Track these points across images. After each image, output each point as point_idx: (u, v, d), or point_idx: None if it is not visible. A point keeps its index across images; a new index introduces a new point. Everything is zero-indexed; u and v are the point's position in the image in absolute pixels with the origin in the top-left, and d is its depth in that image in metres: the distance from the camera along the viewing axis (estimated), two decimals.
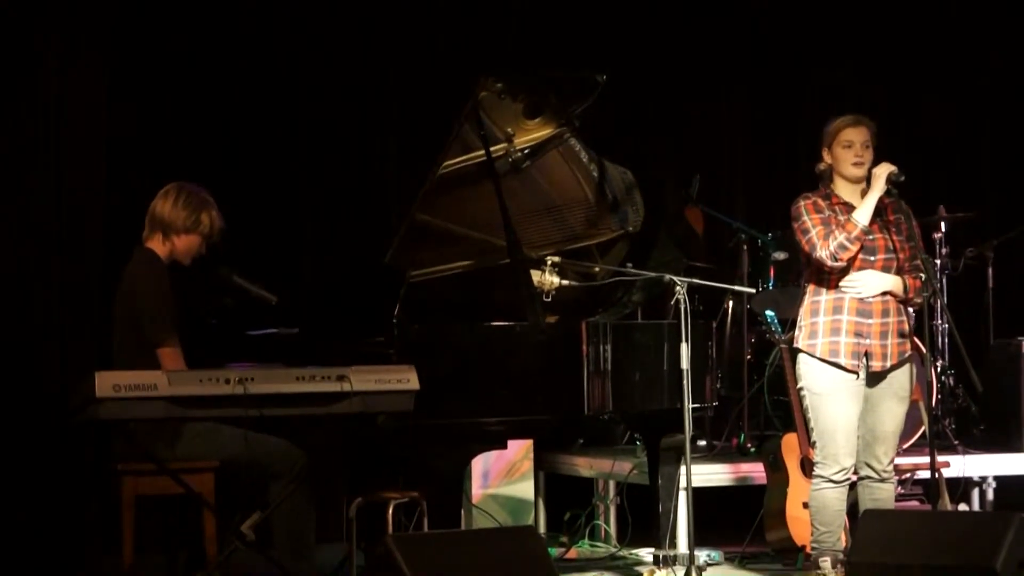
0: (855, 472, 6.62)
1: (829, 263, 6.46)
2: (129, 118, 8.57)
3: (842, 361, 6.49)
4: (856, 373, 6.51)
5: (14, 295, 8.17)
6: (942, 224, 9.11)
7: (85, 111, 8.34)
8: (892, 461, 6.64)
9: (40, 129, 8.25)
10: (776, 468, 7.64)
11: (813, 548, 6.61)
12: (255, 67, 8.99)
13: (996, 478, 8.47)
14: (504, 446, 6.84)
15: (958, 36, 10.43)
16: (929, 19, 10.38)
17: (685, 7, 10.05)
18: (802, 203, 6.59)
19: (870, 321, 6.51)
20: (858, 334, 6.50)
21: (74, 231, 8.25)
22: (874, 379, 6.55)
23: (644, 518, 7.72)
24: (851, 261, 6.49)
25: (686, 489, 6.88)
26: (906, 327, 6.58)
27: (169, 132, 8.69)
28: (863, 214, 6.44)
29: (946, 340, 9.10)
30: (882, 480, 6.62)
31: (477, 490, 8.40)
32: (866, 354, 6.50)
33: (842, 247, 6.42)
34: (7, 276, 8.16)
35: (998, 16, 10.34)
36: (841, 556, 6.54)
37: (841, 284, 6.54)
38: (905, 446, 7.96)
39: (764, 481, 7.79)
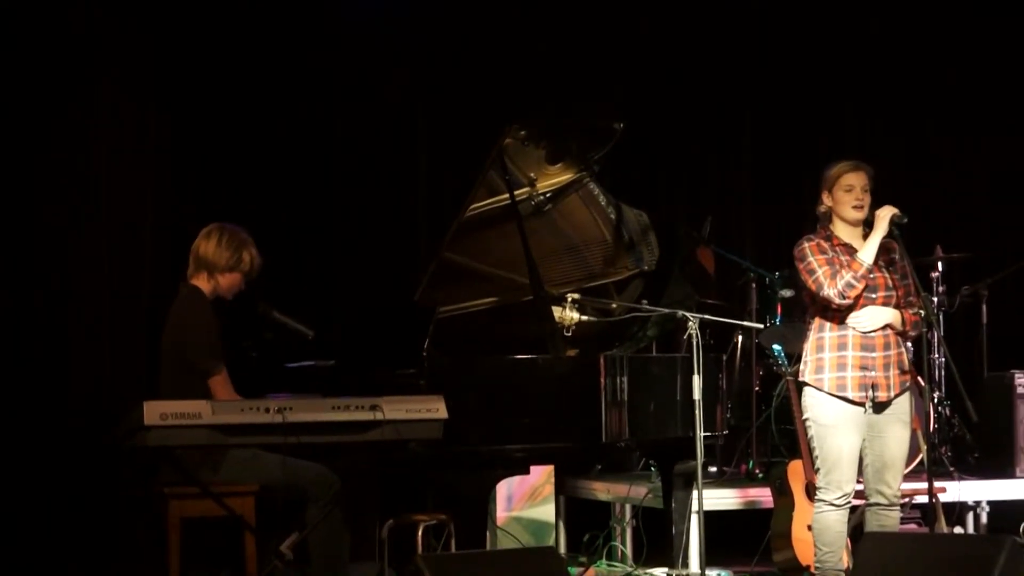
0: (865, 499, 6.70)
1: (837, 301, 6.53)
2: (172, 160, 8.78)
3: (850, 395, 6.58)
4: (863, 405, 6.59)
5: (66, 327, 8.37)
6: (939, 264, 9.19)
7: (132, 154, 8.61)
8: (899, 486, 6.70)
9: (91, 167, 8.48)
10: (782, 493, 7.76)
11: (817, 568, 6.67)
12: (292, 112, 9.15)
13: (989, 503, 8.63)
14: (527, 471, 6.90)
15: (957, 83, 10.50)
16: (928, 64, 10.45)
17: (697, 55, 10.13)
18: (806, 245, 6.64)
19: (874, 354, 6.59)
20: (864, 367, 6.58)
21: (122, 264, 8.48)
22: (879, 407, 6.61)
23: (658, 540, 7.86)
24: (856, 299, 6.57)
25: (698, 512, 6.95)
26: (905, 359, 6.66)
27: (210, 173, 8.85)
28: (868, 254, 6.52)
29: (943, 373, 9.20)
30: (890, 506, 6.67)
31: (501, 513, 8.47)
32: (872, 386, 6.58)
33: (849, 285, 6.50)
34: (62, 306, 8.37)
35: (1001, 61, 10.41)
36: (843, 575, 6.63)
37: (846, 320, 6.62)
38: (904, 472, 8.16)
39: (771, 505, 7.93)
